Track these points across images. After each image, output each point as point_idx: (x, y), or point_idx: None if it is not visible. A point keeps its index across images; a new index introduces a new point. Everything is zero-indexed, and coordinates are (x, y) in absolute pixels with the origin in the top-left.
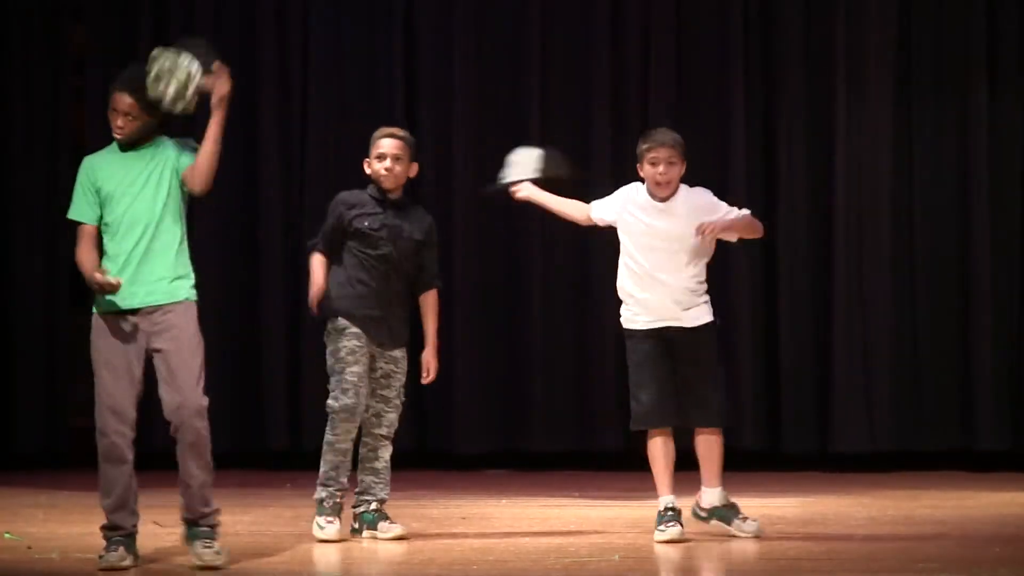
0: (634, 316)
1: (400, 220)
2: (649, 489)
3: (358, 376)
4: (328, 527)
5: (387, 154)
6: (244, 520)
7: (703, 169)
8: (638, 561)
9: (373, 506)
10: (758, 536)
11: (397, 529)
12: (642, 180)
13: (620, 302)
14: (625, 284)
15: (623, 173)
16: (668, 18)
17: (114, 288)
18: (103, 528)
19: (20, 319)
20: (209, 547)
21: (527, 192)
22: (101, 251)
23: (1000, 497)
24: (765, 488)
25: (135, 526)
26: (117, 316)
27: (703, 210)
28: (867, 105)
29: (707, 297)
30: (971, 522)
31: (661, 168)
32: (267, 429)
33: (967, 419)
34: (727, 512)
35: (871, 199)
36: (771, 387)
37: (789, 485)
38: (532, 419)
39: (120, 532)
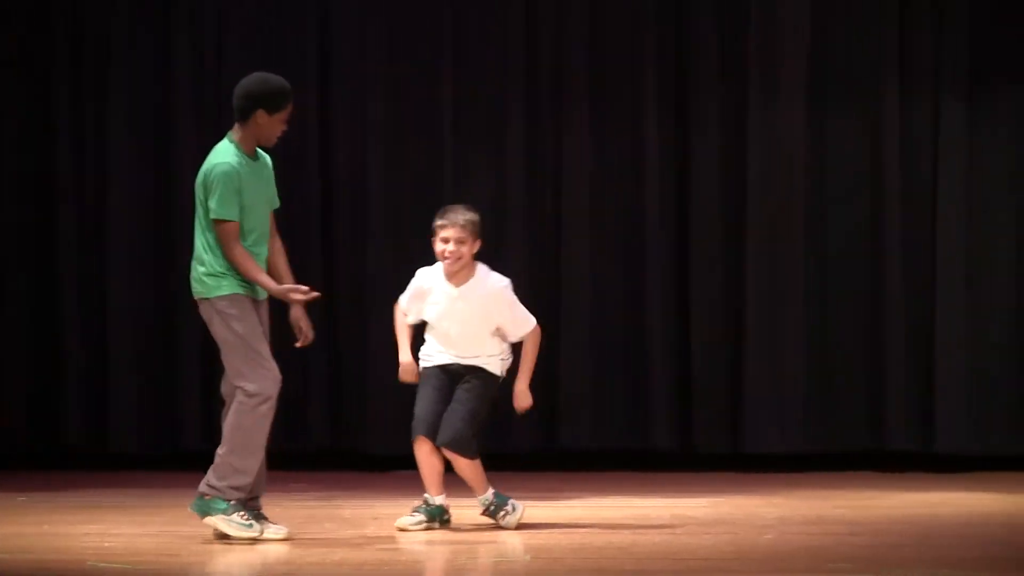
0: (426, 355)
1: None
2: (567, 490)
3: None
4: None
5: None
6: (157, 520)
7: (618, 179)
8: (549, 562)
9: None
10: None
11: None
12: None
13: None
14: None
15: (537, 169)
16: (582, 34)
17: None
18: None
19: None
20: None
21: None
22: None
23: (911, 498)
24: (676, 488)
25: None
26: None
27: (494, 304)
28: (779, 112)
29: (504, 357)
30: (882, 522)
31: (451, 247)
32: (182, 429)
33: (878, 420)
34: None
35: (784, 204)
36: (683, 387)
37: (700, 485)
38: None
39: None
